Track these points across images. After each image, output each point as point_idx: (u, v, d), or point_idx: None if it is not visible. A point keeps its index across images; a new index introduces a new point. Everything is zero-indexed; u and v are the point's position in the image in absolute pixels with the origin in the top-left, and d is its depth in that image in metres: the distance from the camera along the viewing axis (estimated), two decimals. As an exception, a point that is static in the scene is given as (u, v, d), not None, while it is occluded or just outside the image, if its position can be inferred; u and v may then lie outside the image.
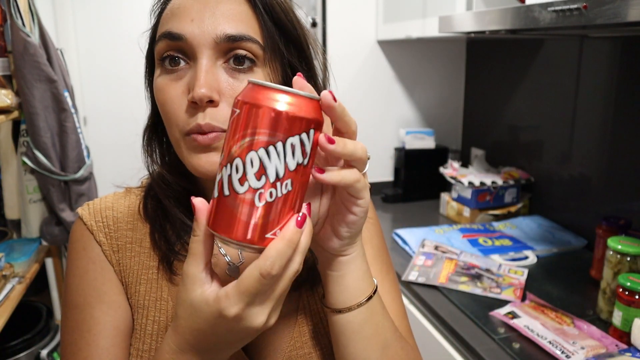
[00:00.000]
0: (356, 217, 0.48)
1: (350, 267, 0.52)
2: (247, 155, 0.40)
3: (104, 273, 0.61)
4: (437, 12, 1.52)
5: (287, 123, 0.40)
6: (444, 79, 2.11)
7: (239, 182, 0.41)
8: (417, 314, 1.24)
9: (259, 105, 0.41)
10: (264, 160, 0.40)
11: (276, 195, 0.41)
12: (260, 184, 0.41)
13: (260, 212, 0.41)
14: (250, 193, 0.41)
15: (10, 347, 1.50)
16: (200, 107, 0.52)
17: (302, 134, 0.41)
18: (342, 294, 0.53)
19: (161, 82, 0.55)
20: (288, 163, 0.41)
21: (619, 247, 1.07)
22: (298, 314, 0.63)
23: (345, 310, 0.53)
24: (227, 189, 0.41)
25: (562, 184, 1.61)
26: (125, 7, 2.03)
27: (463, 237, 1.54)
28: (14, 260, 1.50)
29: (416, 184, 1.99)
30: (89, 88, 2.15)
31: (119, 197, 0.67)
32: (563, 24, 0.95)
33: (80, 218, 0.64)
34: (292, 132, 0.41)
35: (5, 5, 1.44)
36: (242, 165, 0.41)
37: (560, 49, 1.58)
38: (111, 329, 0.59)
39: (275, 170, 0.41)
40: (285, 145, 0.41)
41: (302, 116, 0.41)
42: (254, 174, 0.41)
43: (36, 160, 1.54)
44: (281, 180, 0.41)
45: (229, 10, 0.53)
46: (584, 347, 0.97)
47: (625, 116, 1.37)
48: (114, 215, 0.64)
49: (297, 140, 0.41)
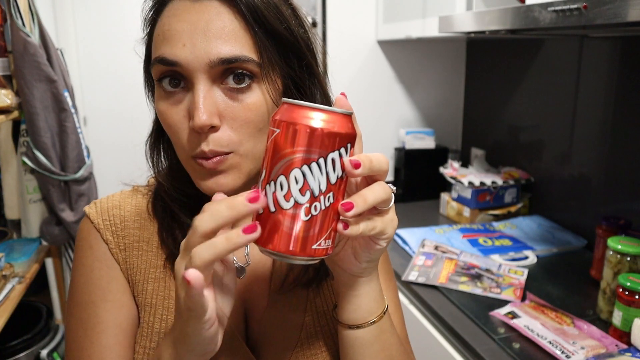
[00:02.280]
0: (380, 247, 0.49)
1: (366, 288, 0.54)
2: (291, 173, 0.42)
3: (110, 271, 0.62)
4: (437, 12, 1.52)
5: (325, 140, 0.42)
6: (444, 79, 2.11)
7: (284, 198, 0.43)
8: (417, 314, 1.24)
9: (296, 124, 0.42)
10: (307, 177, 0.43)
11: (320, 209, 0.43)
12: (305, 199, 0.43)
13: (306, 225, 0.43)
14: (295, 208, 0.43)
15: (10, 347, 1.50)
16: (203, 133, 0.52)
17: (340, 149, 0.43)
18: (356, 312, 0.54)
19: (162, 107, 0.55)
20: (330, 178, 0.43)
21: (619, 247, 1.07)
22: (305, 315, 0.64)
23: (357, 327, 0.54)
24: (273, 205, 0.43)
25: (562, 184, 1.61)
26: (125, 7, 2.03)
27: (463, 237, 1.54)
28: (14, 260, 1.50)
29: (416, 184, 1.99)
30: (89, 88, 2.14)
31: (126, 195, 0.67)
32: (563, 24, 0.95)
33: (87, 216, 0.64)
34: (330, 148, 0.43)
35: (5, 5, 1.44)
36: (286, 183, 0.43)
37: (560, 49, 1.58)
38: (114, 327, 0.60)
39: (318, 186, 0.43)
40: (326, 160, 0.43)
41: (338, 132, 0.43)
42: (299, 190, 0.43)
43: (36, 160, 1.54)
44: (324, 194, 0.43)
45: (221, 30, 0.51)
46: (584, 347, 0.97)
47: (625, 116, 1.37)
48: (121, 214, 0.64)
49: (336, 155, 0.43)
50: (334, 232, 0.45)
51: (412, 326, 1.25)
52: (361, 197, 0.45)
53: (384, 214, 0.48)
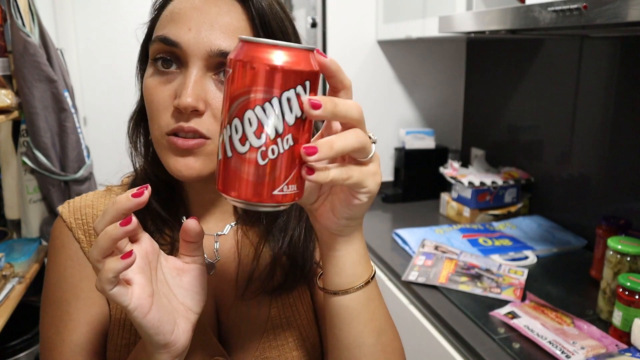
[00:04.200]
0: (360, 202, 0.46)
1: (348, 249, 0.51)
2: (245, 115, 0.40)
3: (82, 269, 0.62)
4: (437, 12, 1.52)
5: (280, 77, 0.39)
6: (444, 79, 2.11)
7: (239, 142, 0.41)
8: (417, 314, 1.24)
9: (251, 62, 0.40)
10: (261, 118, 0.40)
11: (278, 152, 0.41)
12: (261, 142, 0.40)
13: (264, 170, 0.41)
14: (252, 152, 0.40)
15: (10, 347, 1.50)
16: (185, 114, 0.53)
17: (297, 87, 0.40)
18: (339, 275, 0.52)
19: (151, 82, 0.56)
20: (286, 118, 0.40)
21: (619, 247, 1.07)
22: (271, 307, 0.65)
23: (342, 292, 0.52)
24: (230, 150, 0.41)
25: (562, 184, 1.61)
26: (125, 7, 2.03)
27: (463, 237, 1.54)
28: (14, 260, 1.50)
29: (416, 184, 1.99)
30: (89, 88, 2.14)
31: (99, 195, 0.68)
32: (563, 24, 0.95)
33: (60, 216, 0.65)
34: (286, 86, 0.40)
35: (5, 5, 1.44)
36: (240, 125, 0.40)
37: (560, 49, 1.58)
38: (86, 325, 0.61)
39: (274, 127, 0.40)
40: (281, 100, 0.40)
41: (292, 68, 0.40)
42: (254, 133, 0.40)
43: (36, 160, 1.54)
44: (281, 136, 0.40)
45: (227, 25, 0.54)
46: (584, 347, 0.97)
47: (625, 116, 1.37)
48: (94, 212, 0.65)
49: (292, 94, 0.40)
50: (300, 179, 0.42)
51: (412, 326, 1.25)
52: (327, 142, 0.41)
53: (363, 165, 0.44)
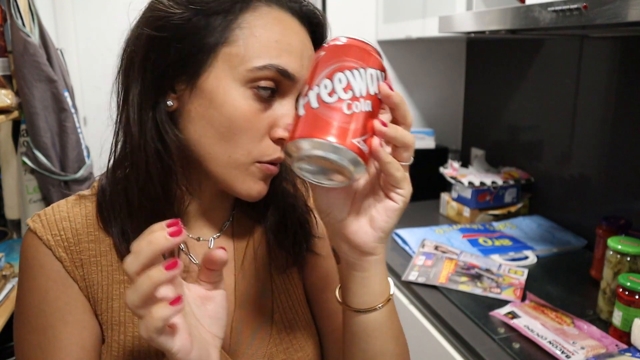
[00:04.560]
0: (396, 205, 0.51)
1: (377, 269, 0.53)
2: (335, 75, 0.47)
3: (67, 291, 0.57)
4: (437, 12, 1.52)
5: (366, 55, 0.48)
6: (444, 79, 2.11)
7: (328, 95, 0.47)
8: (417, 314, 1.24)
9: (344, 44, 0.49)
10: (349, 78, 0.47)
11: (360, 109, 0.47)
12: (348, 96, 0.46)
13: (348, 118, 0.46)
14: (339, 102, 0.46)
15: (10, 347, 1.50)
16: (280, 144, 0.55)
17: (378, 70, 0.49)
18: (366, 295, 0.53)
19: (249, 108, 0.53)
20: (369, 86, 0.47)
21: (619, 247, 1.07)
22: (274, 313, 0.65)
23: (369, 310, 0.53)
24: (316, 102, 0.47)
25: (562, 184, 1.61)
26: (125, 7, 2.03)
27: (463, 237, 1.54)
28: (14, 260, 1.50)
29: (416, 184, 1.95)
30: (89, 88, 2.14)
31: (72, 204, 0.61)
32: (563, 24, 0.95)
33: (33, 232, 0.58)
34: (371, 64, 0.48)
35: (5, 5, 1.44)
36: (330, 83, 0.47)
37: (560, 49, 1.58)
38: (78, 350, 0.56)
39: (359, 88, 0.47)
40: (366, 72, 0.48)
41: (377, 58, 0.49)
42: (342, 88, 0.47)
43: (36, 160, 1.54)
44: (364, 97, 0.47)
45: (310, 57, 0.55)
46: (584, 347, 0.97)
47: (625, 116, 1.37)
48: (72, 226, 0.58)
49: (374, 72, 0.48)
50: (369, 140, 0.47)
51: (412, 326, 1.25)
52: (394, 126, 0.48)
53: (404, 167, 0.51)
